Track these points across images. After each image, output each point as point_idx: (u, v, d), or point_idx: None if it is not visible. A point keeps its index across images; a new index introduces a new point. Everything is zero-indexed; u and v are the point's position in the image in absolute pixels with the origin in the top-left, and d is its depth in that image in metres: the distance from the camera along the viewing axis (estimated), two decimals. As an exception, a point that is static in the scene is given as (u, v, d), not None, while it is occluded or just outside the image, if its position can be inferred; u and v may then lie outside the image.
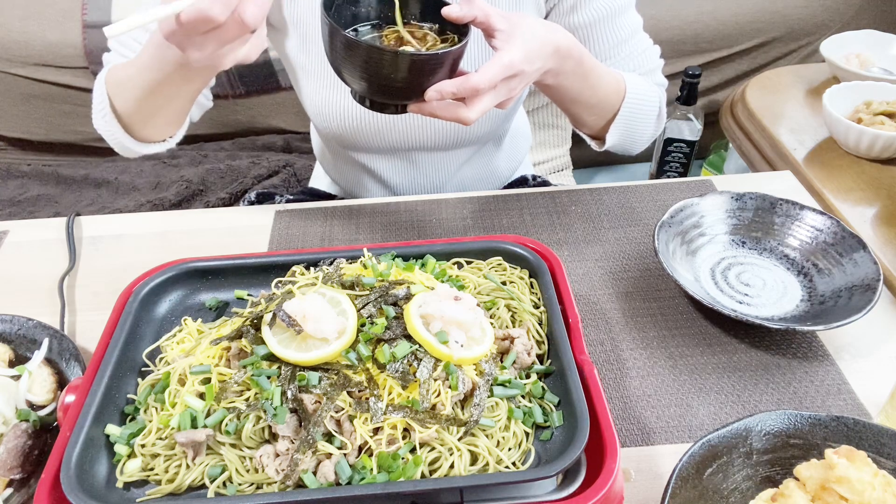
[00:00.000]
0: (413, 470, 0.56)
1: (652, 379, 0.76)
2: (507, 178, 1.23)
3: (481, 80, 0.70)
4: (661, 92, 1.00)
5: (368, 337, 0.63)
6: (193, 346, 0.68)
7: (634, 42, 0.99)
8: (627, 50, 0.98)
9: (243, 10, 0.63)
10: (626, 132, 0.96)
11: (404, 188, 1.14)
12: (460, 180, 1.15)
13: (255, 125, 1.86)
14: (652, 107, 0.97)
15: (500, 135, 1.15)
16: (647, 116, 0.96)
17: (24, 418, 0.68)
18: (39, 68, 1.71)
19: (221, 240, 0.98)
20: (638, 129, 0.97)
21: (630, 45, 0.98)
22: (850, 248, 0.84)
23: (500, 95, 0.74)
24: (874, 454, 0.59)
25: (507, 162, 1.20)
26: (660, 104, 0.99)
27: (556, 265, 0.75)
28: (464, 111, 0.72)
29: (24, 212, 1.58)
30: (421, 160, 1.10)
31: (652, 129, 1.00)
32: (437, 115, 0.74)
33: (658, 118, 1.00)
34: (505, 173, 1.21)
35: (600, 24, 0.95)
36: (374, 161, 1.11)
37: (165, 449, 0.60)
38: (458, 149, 1.09)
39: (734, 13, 1.79)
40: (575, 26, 0.96)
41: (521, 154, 1.23)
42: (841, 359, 0.78)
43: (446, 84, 0.70)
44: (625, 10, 0.97)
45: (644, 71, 1.00)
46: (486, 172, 1.17)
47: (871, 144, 1.15)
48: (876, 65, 1.44)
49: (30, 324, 0.78)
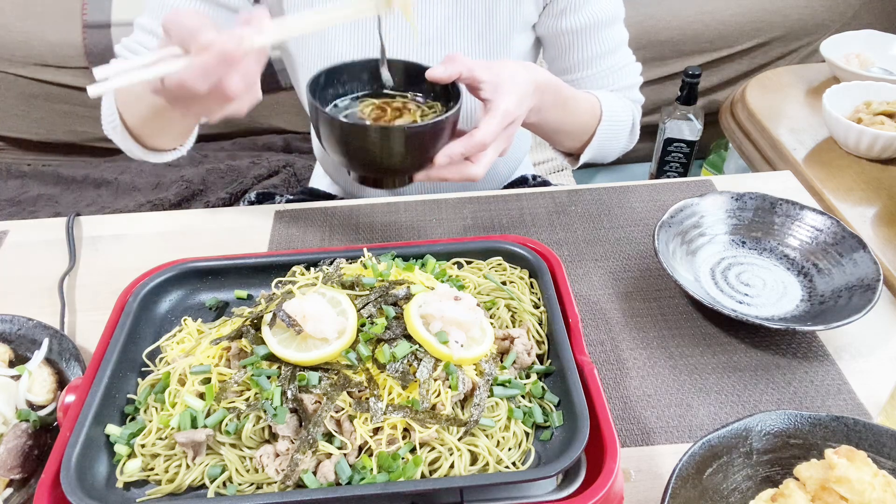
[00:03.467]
0: (413, 470, 0.56)
1: (652, 379, 0.76)
2: (507, 178, 1.23)
3: (486, 134, 0.71)
4: (635, 108, 1.03)
5: (368, 337, 0.63)
6: (193, 346, 0.68)
7: (618, 56, 1.01)
8: (610, 62, 1.00)
9: (226, 84, 0.60)
10: (599, 150, 0.99)
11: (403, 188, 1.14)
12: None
13: (255, 125, 1.86)
14: (625, 124, 1.00)
15: None
16: (621, 134, 1.00)
17: (24, 418, 0.68)
18: (39, 68, 1.71)
19: (221, 240, 0.98)
20: (611, 145, 1.00)
21: (613, 59, 1.00)
22: (850, 248, 0.84)
23: (501, 144, 0.76)
24: (874, 454, 0.59)
25: (506, 162, 1.20)
26: (633, 120, 1.02)
27: (556, 265, 0.75)
28: (471, 168, 0.73)
29: (24, 212, 1.58)
30: None
31: (624, 143, 1.03)
32: (447, 178, 0.74)
33: (631, 133, 1.03)
34: (504, 173, 1.21)
35: (587, 32, 0.97)
36: None
37: (165, 449, 0.60)
38: None
39: (734, 13, 1.79)
40: (562, 31, 0.97)
41: (520, 154, 1.24)
42: (841, 359, 0.78)
43: (454, 146, 0.71)
44: (613, 23, 0.98)
45: (622, 86, 1.02)
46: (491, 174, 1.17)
47: (871, 144, 1.15)
48: (876, 65, 1.44)
49: (30, 324, 0.78)
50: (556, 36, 0.98)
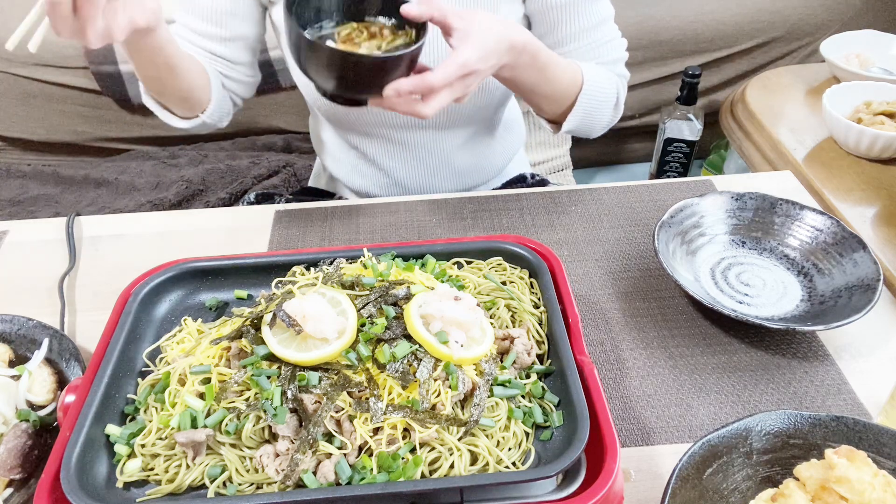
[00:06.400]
0: (413, 470, 0.56)
1: (652, 379, 0.76)
2: (502, 168, 1.24)
3: (436, 79, 0.74)
4: (620, 82, 1.04)
5: (368, 337, 0.63)
6: (193, 346, 0.68)
7: (602, 31, 1.02)
8: (594, 37, 1.02)
9: None
10: (582, 119, 1.00)
11: (398, 172, 1.15)
12: (455, 166, 1.16)
13: (255, 125, 1.86)
14: (609, 96, 1.01)
15: (493, 122, 1.17)
16: (604, 105, 1.01)
17: (24, 418, 0.68)
18: (39, 68, 1.71)
19: (221, 240, 0.98)
20: (595, 116, 1.01)
21: (597, 34, 1.02)
22: (850, 248, 0.84)
23: (456, 92, 0.78)
24: (874, 454, 0.59)
25: (501, 152, 1.21)
26: (617, 93, 1.03)
27: (556, 265, 0.75)
28: (420, 106, 0.77)
29: (24, 212, 1.58)
30: (414, 143, 1.11)
31: (608, 117, 1.04)
32: (396, 109, 0.77)
33: (615, 107, 1.04)
34: (499, 163, 1.22)
35: (571, 6, 0.99)
36: (368, 145, 1.13)
37: (165, 449, 0.60)
38: (449, 129, 1.11)
39: (734, 13, 1.79)
40: (548, 6, 0.99)
41: (514, 145, 1.24)
42: (841, 359, 0.78)
43: (403, 83, 0.74)
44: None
45: (607, 60, 1.03)
46: (481, 159, 1.18)
47: (871, 144, 1.15)
48: (876, 65, 1.44)
49: (30, 324, 0.78)
50: (543, 12, 1.01)
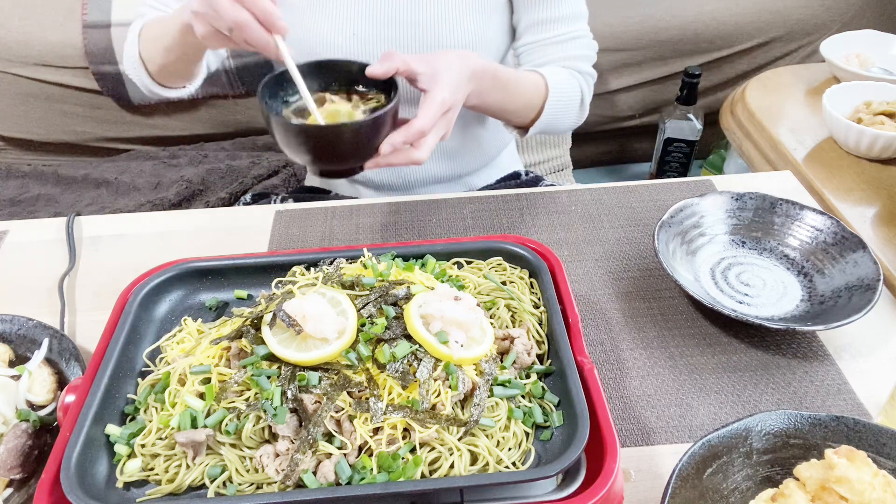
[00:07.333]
0: (413, 470, 0.56)
1: (652, 379, 0.76)
2: (494, 156, 1.24)
3: (424, 123, 0.77)
4: (585, 82, 1.06)
5: (368, 337, 0.63)
6: (193, 346, 0.68)
7: (575, 27, 1.05)
8: (563, 29, 1.04)
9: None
10: (549, 124, 1.03)
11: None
12: (446, 148, 1.16)
13: (255, 125, 1.86)
14: (573, 98, 1.04)
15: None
16: (569, 107, 1.04)
17: (24, 418, 0.68)
18: (39, 68, 1.71)
19: (221, 240, 0.98)
20: (560, 118, 1.04)
21: (567, 27, 1.04)
22: (850, 248, 0.84)
23: (441, 130, 0.81)
24: (874, 454, 0.59)
25: (493, 138, 1.21)
26: (582, 94, 1.05)
27: (556, 265, 0.75)
28: (415, 153, 0.79)
29: (24, 212, 1.58)
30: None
31: (574, 118, 1.07)
32: (393, 163, 0.79)
33: (581, 107, 1.07)
34: (491, 151, 1.22)
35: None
36: None
37: (165, 449, 0.60)
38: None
39: (734, 13, 1.79)
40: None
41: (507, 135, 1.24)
42: (841, 359, 0.78)
43: (395, 136, 0.76)
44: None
45: (573, 56, 1.05)
46: (470, 141, 1.18)
47: (871, 144, 1.15)
48: (876, 65, 1.44)
49: (30, 324, 0.78)
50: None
